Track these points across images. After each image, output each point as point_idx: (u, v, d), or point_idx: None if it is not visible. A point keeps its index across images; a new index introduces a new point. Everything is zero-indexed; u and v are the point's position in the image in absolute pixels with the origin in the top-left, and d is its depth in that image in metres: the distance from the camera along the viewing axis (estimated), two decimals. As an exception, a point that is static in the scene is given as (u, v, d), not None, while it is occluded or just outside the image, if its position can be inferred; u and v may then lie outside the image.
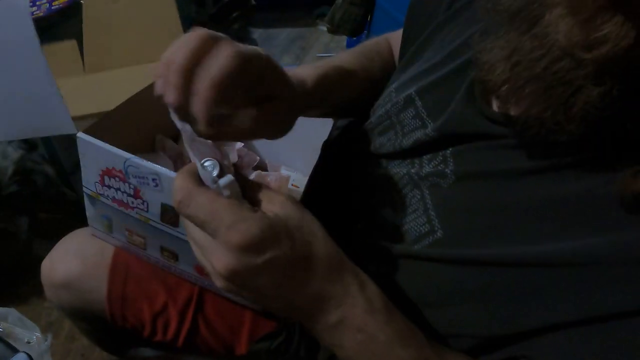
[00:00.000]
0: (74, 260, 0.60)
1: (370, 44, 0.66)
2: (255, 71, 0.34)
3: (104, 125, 0.55)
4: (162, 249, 0.56)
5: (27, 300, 1.15)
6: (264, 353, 0.59)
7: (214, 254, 0.30)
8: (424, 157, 0.44)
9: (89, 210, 0.58)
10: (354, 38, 1.72)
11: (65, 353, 1.08)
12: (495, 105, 0.40)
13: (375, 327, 0.33)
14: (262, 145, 0.83)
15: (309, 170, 0.78)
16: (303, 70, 0.49)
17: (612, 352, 0.31)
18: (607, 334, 0.32)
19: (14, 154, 1.00)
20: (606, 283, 0.32)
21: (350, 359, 0.35)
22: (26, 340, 0.85)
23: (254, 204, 0.33)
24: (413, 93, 0.48)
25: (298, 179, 0.79)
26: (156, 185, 0.48)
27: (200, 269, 0.56)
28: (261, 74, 0.35)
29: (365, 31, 1.70)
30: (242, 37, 1.90)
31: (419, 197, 0.43)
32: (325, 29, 2.27)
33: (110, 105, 0.56)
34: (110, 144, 0.48)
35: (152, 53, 0.74)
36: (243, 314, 0.61)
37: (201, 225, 0.31)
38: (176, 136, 0.73)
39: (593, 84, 0.31)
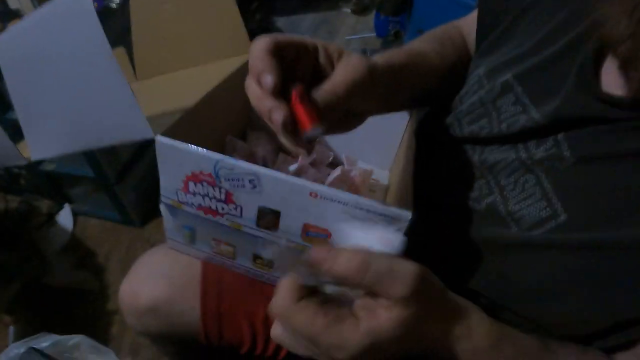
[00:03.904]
0: (159, 282, 0.55)
1: (440, 31, 0.62)
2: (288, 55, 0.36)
3: (180, 129, 0.49)
4: (255, 257, 0.50)
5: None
6: None
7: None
8: (530, 142, 0.43)
9: (168, 222, 0.53)
10: (397, 17, 1.62)
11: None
12: (610, 86, 0.38)
13: None
14: (336, 141, 0.78)
15: (385, 163, 0.73)
16: (376, 56, 0.47)
17: None
18: None
19: None
20: None
21: None
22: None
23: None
24: (511, 78, 0.46)
25: (377, 172, 0.74)
26: (254, 187, 0.42)
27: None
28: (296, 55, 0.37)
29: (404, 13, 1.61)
30: (267, 26, 1.83)
31: (533, 181, 0.41)
32: (349, 10, 2.18)
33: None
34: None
35: (213, 52, 0.68)
36: None
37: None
38: (245, 136, 0.68)
39: None
